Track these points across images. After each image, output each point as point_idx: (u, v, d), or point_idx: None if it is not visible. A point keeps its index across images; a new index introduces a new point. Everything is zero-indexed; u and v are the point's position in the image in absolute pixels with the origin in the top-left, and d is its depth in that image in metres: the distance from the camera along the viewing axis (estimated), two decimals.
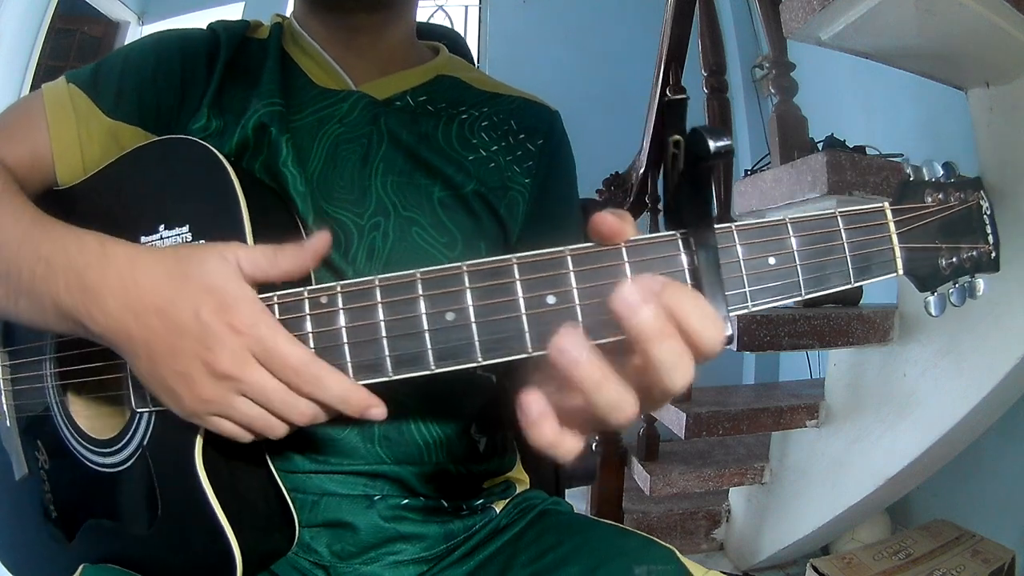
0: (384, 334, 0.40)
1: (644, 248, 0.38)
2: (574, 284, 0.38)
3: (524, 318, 0.38)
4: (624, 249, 0.38)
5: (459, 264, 0.39)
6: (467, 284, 0.39)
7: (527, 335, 0.39)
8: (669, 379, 0.33)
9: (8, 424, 0.59)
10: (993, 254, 0.42)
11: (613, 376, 0.33)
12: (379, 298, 0.40)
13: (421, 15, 0.71)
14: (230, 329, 0.40)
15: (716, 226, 0.38)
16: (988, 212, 0.42)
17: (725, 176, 1.73)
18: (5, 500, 0.62)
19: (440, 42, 0.75)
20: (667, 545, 0.57)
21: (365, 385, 0.41)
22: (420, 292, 0.40)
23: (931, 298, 0.42)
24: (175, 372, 0.41)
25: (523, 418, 0.35)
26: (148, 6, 3.37)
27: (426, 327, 0.40)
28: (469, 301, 0.39)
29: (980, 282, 0.42)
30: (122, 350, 0.43)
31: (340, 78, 0.64)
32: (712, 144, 0.34)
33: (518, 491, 0.68)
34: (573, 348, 0.32)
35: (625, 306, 0.32)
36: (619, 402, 0.34)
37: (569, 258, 0.38)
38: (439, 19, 3.53)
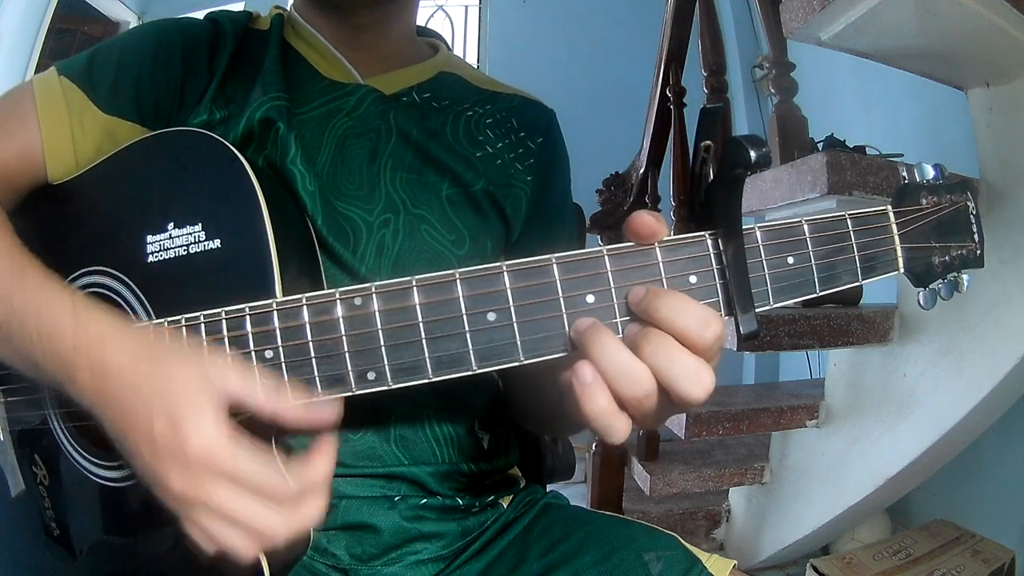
0: (424, 335, 0.40)
1: (677, 248, 0.40)
2: (612, 283, 0.40)
3: (564, 317, 0.39)
4: (658, 249, 0.40)
5: (499, 264, 0.39)
6: (507, 284, 0.39)
7: (567, 334, 0.39)
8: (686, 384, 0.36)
9: (1, 438, 0.57)
10: (978, 251, 0.45)
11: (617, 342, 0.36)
12: (417, 299, 0.40)
13: (421, 15, 0.71)
14: (180, 452, 0.37)
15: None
16: (974, 212, 0.45)
17: None
18: (1, 518, 0.59)
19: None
20: (669, 532, 0.58)
21: (403, 387, 0.40)
22: (460, 293, 0.39)
23: (923, 293, 0.45)
24: (142, 469, 0.39)
25: (577, 383, 0.36)
26: (148, 6, 3.37)
27: (467, 328, 0.39)
28: (510, 301, 0.39)
29: (964, 277, 0.45)
30: (102, 427, 0.41)
31: (347, 71, 0.63)
32: (753, 153, 0.36)
33: (520, 486, 0.69)
34: (582, 322, 0.38)
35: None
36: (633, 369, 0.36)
37: (607, 258, 0.39)
38: (439, 19, 3.53)
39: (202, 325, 0.43)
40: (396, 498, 0.58)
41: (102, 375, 0.39)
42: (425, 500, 0.59)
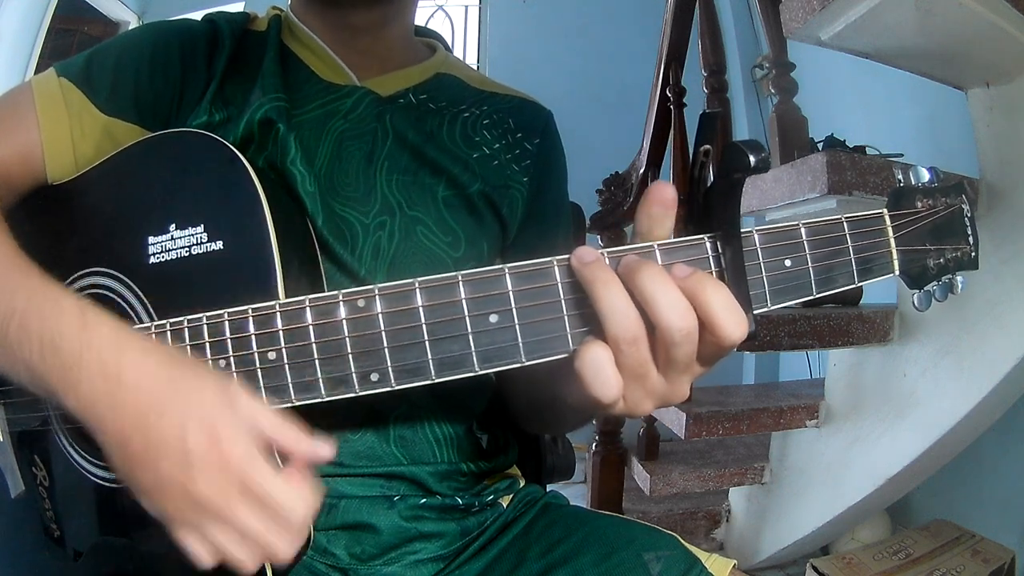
0: (426, 337, 0.40)
1: (675, 250, 0.40)
2: None
3: (566, 320, 0.40)
4: (657, 250, 0.40)
5: (501, 267, 0.40)
6: (509, 287, 0.40)
7: (569, 335, 0.40)
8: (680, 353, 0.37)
9: (1, 439, 0.56)
10: (973, 253, 0.45)
11: (619, 283, 0.37)
12: (420, 301, 0.40)
13: (421, 15, 0.71)
14: (218, 462, 0.37)
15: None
16: (969, 215, 0.45)
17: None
18: (1, 519, 0.59)
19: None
20: (670, 532, 0.58)
21: (405, 389, 0.41)
22: (462, 295, 0.40)
23: (918, 294, 0.45)
24: (148, 480, 0.38)
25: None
26: (148, 6, 3.37)
27: (469, 329, 0.40)
28: (512, 303, 0.40)
29: (959, 279, 0.45)
30: (94, 436, 0.39)
31: (343, 73, 0.63)
32: (752, 158, 0.37)
33: (520, 486, 0.69)
34: (586, 253, 0.38)
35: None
36: (625, 310, 0.37)
37: (607, 260, 0.40)
38: (439, 19, 3.53)
39: (204, 327, 0.43)
40: (395, 498, 0.58)
41: (118, 381, 0.38)
42: (424, 500, 0.60)
